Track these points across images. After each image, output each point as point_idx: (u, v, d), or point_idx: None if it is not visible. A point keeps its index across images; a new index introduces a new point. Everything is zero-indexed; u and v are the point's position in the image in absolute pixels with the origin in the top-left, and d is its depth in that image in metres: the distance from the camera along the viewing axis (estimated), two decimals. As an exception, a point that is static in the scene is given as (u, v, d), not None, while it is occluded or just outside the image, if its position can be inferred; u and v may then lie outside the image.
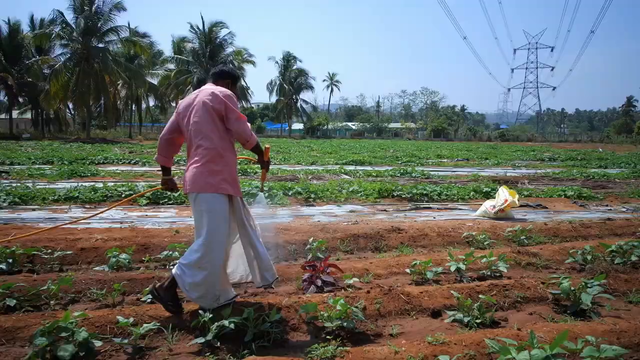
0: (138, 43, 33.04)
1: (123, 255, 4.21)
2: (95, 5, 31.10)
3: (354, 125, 73.76)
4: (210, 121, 2.97)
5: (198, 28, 40.83)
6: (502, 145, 40.50)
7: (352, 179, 10.92)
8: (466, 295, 3.45)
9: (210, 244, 2.91)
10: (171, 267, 4.31)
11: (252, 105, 79.66)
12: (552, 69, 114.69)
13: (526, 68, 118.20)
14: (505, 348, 2.34)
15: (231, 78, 3.33)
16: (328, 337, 2.79)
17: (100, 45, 32.05)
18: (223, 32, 41.25)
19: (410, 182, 10.43)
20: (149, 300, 3.40)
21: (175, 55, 41.36)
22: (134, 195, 6.84)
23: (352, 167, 14.28)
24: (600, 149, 32.37)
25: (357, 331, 2.92)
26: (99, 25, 31.32)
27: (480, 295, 3.24)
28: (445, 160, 20.06)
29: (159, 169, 3.53)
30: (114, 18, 31.73)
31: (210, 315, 2.77)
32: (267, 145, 3.35)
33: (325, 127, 63.96)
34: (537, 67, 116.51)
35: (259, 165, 3.44)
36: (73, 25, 30.99)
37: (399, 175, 12.30)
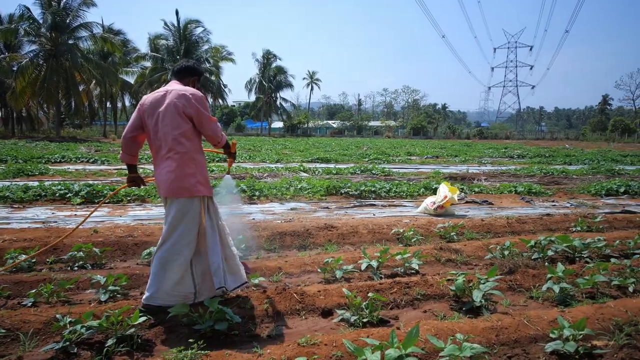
0: (109, 40, 32.37)
1: (23, 257, 4.03)
2: (64, 0, 30.35)
3: (334, 123, 73.76)
4: (182, 124, 2.95)
5: (173, 25, 40.25)
6: (478, 143, 40.95)
7: (309, 176, 10.81)
8: (364, 293, 3.36)
9: (178, 245, 2.97)
10: (75, 268, 4.16)
11: (233, 104, 79.19)
12: (531, 68, 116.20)
13: (506, 67, 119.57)
14: (359, 349, 2.25)
15: (198, 74, 3.29)
16: (193, 339, 2.65)
17: (70, 41, 31.31)
18: (198, 30, 40.79)
19: (368, 179, 10.35)
20: (29, 304, 3.23)
21: (149, 53, 40.67)
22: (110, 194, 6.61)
23: (314, 165, 14.16)
24: (567, 146, 32.96)
25: (232, 333, 2.79)
26: (67, 21, 30.57)
27: (369, 294, 3.14)
28: (415, 157, 20.11)
29: (116, 167, 3.48)
30: (83, 14, 31.08)
31: (69, 320, 2.62)
32: (233, 141, 3.54)
33: (306, 125, 63.80)
34: (516, 66, 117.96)
35: (227, 156, 3.59)
36: (40, 21, 30.19)
37: (359, 172, 12.24)
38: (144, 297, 3.00)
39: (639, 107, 69.31)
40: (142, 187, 3.58)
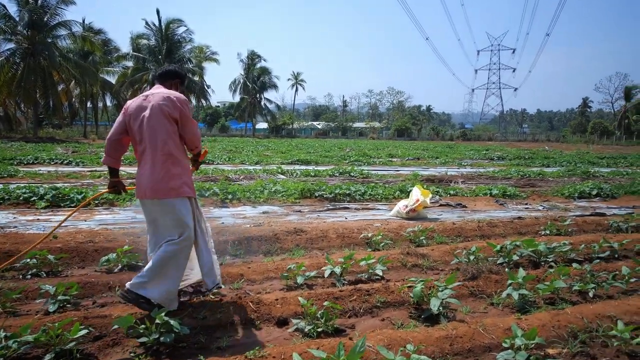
0: (89, 39, 31.79)
1: (-27, 265, 3.86)
2: (41, -2, 29.73)
3: (319, 124, 73.70)
4: (167, 127, 2.99)
5: (154, 25, 39.73)
6: (460, 144, 41.29)
7: (286, 178, 10.72)
8: (323, 301, 3.29)
9: (185, 242, 3.00)
10: (29, 276, 4.00)
11: (218, 105, 78.57)
12: (513, 70, 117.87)
13: (489, 69, 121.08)
14: (303, 363, 2.18)
15: (180, 77, 3.33)
16: (137, 353, 2.55)
17: (48, 40, 30.64)
18: (181, 30, 40.35)
19: (345, 182, 10.31)
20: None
21: (131, 52, 40.07)
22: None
23: (293, 167, 14.06)
24: (547, 148, 33.44)
25: (180, 345, 2.70)
26: (45, 19, 29.93)
27: (325, 302, 3.08)
28: (396, 159, 20.15)
29: (90, 169, 3.37)
30: (62, 12, 30.45)
31: (6, 334, 2.49)
32: (205, 149, 3.53)
33: (291, 126, 63.62)
34: (499, 69, 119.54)
35: (192, 163, 3.48)
36: (17, 19, 29.49)
37: (337, 174, 12.19)
38: (130, 282, 2.95)
39: (618, 109, 70.73)
40: (122, 194, 3.49)
